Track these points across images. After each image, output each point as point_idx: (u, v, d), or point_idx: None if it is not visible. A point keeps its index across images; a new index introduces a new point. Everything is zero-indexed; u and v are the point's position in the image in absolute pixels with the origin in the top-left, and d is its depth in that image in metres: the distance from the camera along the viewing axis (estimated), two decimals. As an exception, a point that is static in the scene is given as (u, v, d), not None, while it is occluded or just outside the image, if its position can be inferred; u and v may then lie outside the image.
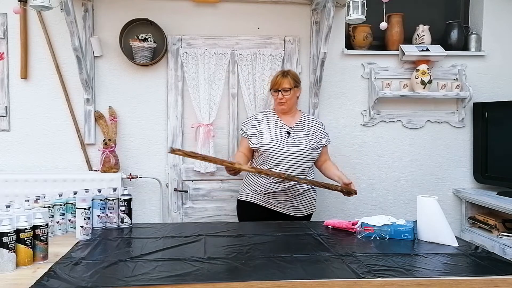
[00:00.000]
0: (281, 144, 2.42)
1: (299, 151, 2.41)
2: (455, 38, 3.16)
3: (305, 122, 2.55)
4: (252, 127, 2.52)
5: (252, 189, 2.50)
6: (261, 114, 2.62)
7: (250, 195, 2.51)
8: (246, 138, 2.52)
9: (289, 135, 2.46)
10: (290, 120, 2.53)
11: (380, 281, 1.40)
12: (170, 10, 2.97)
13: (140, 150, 3.01)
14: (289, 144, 2.43)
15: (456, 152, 3.21)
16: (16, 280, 1.41)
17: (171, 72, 2.97)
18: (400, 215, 2.15)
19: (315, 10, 3.02)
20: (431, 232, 1.84)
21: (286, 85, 2.47)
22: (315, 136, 2.51)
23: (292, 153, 2.41)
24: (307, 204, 2.52)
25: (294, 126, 2.51)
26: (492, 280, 1.43)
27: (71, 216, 1.96)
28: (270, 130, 2.48)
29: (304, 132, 2.49)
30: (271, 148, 2.41)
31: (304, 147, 2.43)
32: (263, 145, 2.42)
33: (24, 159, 2.93)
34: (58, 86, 2.92)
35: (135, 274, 1.42)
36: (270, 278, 1.40)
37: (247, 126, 2.55)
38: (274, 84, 2.50)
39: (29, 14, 2.87)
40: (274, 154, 2.41)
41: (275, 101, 2.53)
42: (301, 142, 2.44)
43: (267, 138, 2.45)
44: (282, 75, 2.50)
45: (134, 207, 2.18)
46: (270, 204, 2.47)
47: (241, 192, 2.58)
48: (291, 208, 2.47)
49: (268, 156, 2.42)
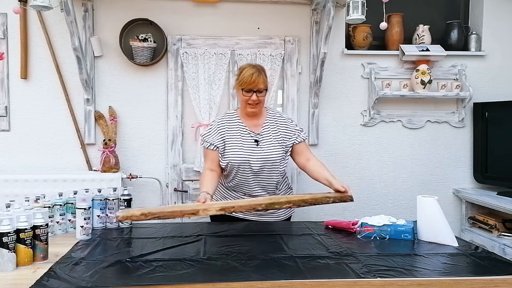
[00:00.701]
0: (250, 155, 2.14)
1: (270, 160, 2.15)
2: (455, 38, 3.16)
3: (272, 123, 2.23)
4: (219, 138, 2.17)
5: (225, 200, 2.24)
6: (223, 120, 2.24)
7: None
8: (215, 151, 2.17)
9: (258, 143, 2.16)
10: (255, 123, 2.21)
11: (380, 281, 1.40)
12: (170, 10, 2.97)
13: (140, 150, 3.01)
14: (258, 153, 2.14)
15: (456, 152, 3.21)
16: (16, 280, 1.41)
17: (171, 72, 2.97)
18: (400, 215, 2.15)
19: (315, 10, 3.02)
20: (431, 232, 1.84)
21: (261, 85, 2.11)
22: (284, 138, 2.21)
23: (262, 163, 2.14)
24: (285, 211, 2.28)
25: (261, 131, 2.19)
26: (492, 280, 1.43)
27: (71, 216, 1.96)
28: (237, 141, 2.16)
29: (273, 136, 2.19)
30: (240, 162, 2.13)
31: (274, 154, 2.16)
32: (232, 160, 2.13)
33: (24, 159, 2.93)
34: (58, 86, 2.92)
35: (135, 274, 1.42)
36: (270, 278, 1.39)
37: (212, 136, 2.19)
38: (247, 83, 2.09)
39: (29, 14, 2.87)
40: (243, 167, 2.14)
41: (244, 102, 2.15)
42: (270, 150, 2.16)
43: (235, 151, 2.14)
44: (257, 72, 2.10)
45: (134, 207, 2.17)
46: (245, 214, 2.22)
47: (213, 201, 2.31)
48: (267, 215, 2.24)
49: (236, 170, 2.16)
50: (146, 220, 1.70)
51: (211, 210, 1.75)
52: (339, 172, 3.13)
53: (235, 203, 1.82)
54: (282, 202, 1.84)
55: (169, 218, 1.69)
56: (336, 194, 1.95)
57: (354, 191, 3.08)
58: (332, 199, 1.92)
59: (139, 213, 1.68)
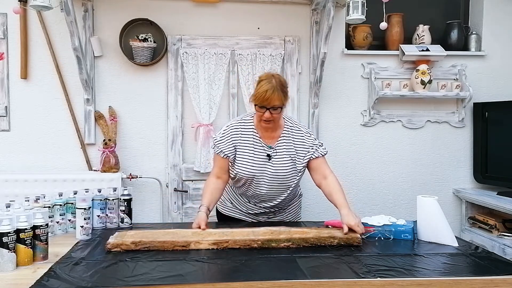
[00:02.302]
0: (260, 169, 2.03)
1: (281, 174, 2.04)
2: (455, 38, 3.16)
3: (288, 137, 2.08)
4: (230, 147, 2.06)
5: (234, 204, 2.22)
6: (238, 127, 2.09)
7: (231, 209, 2.23)
8: (225, 159, 2.07)
9: (270, 158, 2.04)
10: (271, 135, 2.07)
11: (380, 281, 1.40)
12: (170, 10, 2.97)
13: (140, 150, 3.01)
14: (269, 168, 2.04)
15: (456, 152, 3.21)
16: (16, 280, 1.41)
17: (171, 72, 2.97)
18: (400, 215, 2.15)
19: (315, 10, 3.02)
20: (431, 232, 1.84)
21: (276, 103, 1.93)
22: (298, 153, 2.08)
23: (272, 178, 2.04)
24: (293, 215, 2.26)
25: (276, 145, 2.06)
26: (492, 280, 1.43)
27: (71, 216, 1.96)
28: (249, 153, 2.05)
29: (287, 150, 2.07)
30: (249, 175, 2.04)
31: (285, 172, 2.05)
32: (241, 173, 2.04)
33: (24, 159, 2.93)
34: (58, 86, 2.92)
35: (135, 274, 1.42)
36: (270, 278, 1.39)
37: (224, 144, 2.07)
38: (260, 99, 1.93)
39: (29, 14, 2.87)
40: (252, 180, 2.05)
41: (259, 117, 2.01)
42: (282, 168, 2.04)
43: (245, 164, 2.04)
44: (272, 89, 1.91)
45: (134, 207, 2.18)
46: (252, 218, 2.20)
47: (221, 202, 2.27)
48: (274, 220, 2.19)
49: (245, 181, 2.08)
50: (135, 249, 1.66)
51: (203, 243, 1.70)
52: (339, 172, 3.12)
53: (230, 237, 1.74)
54: (281, 239, 1.73)
55: (159, 249, 1.67)
56: (342, 235, 1.79)
57: (354, 191, 3.14)
58: (337, 240, 1.75)
59: (129, 241, 1.67)
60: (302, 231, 1.80)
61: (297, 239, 1.74)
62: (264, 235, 1.77)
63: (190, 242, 1.70)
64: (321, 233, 1.79)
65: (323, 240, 1.75)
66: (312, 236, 1.76)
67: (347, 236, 1.78)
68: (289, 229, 1.83)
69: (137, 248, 1.66)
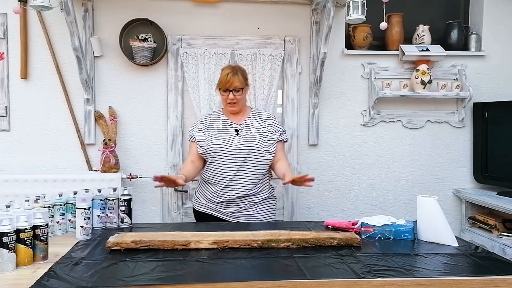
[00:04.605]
0: (228, 142, 2.21)
1: (248, 147, 2.19)
2: (455, 38, 3.16)
3: (255, 118, 2.31)
4: (199, 130, 2.30)
5: (206, 197, 2.31)
6: (207, 116, 2.40)
7: (205, 204, 2.32)
8: (195, 143, 2.30)
9: (238, 132, 2.24)
10: (239, 118, 2.31)
11: (380, 281, 1.40)
12: (170, 10, 2.97)
13: (140, 150, 3.01)
14: (237, 141, 2.21)
15: (456, 152, 3.21)
16: (16, 280, 1.41)
17: (171, 72, 2.97)
18: (400, 215, 2.15)
19: (315, 10, 3.02)
20: (431, 232, 1.84)
21: (237, 84, 2.21)
22: (267, 130, 2.27)
23: (241, 151, 2.19)
24: (265, 212, 2.31)
25: (244, 123, 2.28)
26: (492, 280, 1.43)
27: (71, 216, 1.96)
28: (218, 131, 2.27)
29: (254, 127, 2.27)
30: (218, 148, 2.20)
31: (254, 142, 2.21)
32: (210, 146, 2.21)
33: (24, 159, 2.93)
34: (58, 86, 2.92)
35: (135, 274, 1.42)
36: (270, 278, 1.39)
37: (194, 130, 2.33)
38: (223, 83, 2.22)
39: (29, 14, 2.87)
40: (221, 154, 2.20)
41: (224, 101, 2.28)
42: (250, 138, 2.22)
43: (214, 137, 2.24)
44: (232, 72, 2.21)
45: (134, 207, 2.18)
46: (224, 214, 2.28)
47: (195, 199, 2.40)
48: (246, 217, 2.26)
49: (215, 157, 2.21)
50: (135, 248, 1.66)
51: (204, 243, 1.70)
52: (340, 172, 3.14)
53: (230, 237, 1.74)
54: (281, 239, 1.73)
55: (159, 248, 1.66)
56: (342, 236, 1.78)
57: (354, 191, 3.14)
58: (337, 241, 1.75)
59: (130, 240, 1.67)
60: (302, 233, 1.81)
61: (297, 239, 1.74)
62: (264, 235, 1.77)
63: (190, 241, 1.71)
64: (321, 234, 1.80)
65: (323, 241, 1.75)
66: (312, 236, 1.77)
67: (347, 236, 1.78)
68: (289, 232, 1.83)
69: (137, 247, 1.66)
